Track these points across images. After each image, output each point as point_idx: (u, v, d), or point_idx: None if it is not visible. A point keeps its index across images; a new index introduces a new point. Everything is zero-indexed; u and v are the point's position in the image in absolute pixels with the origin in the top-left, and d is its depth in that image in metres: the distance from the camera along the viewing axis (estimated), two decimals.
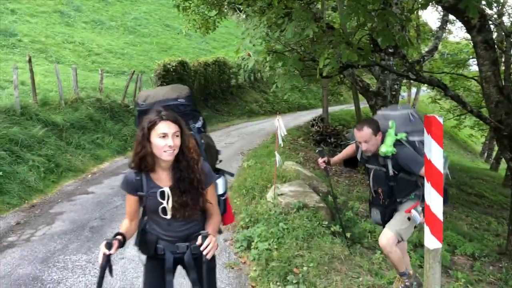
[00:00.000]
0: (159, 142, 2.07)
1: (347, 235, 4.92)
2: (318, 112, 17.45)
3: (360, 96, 13.54)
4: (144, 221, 2.34)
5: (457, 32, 79.91)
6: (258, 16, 5.94)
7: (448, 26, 19.83)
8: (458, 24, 21.25)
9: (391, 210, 3.51)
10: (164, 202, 2.19)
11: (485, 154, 28.12)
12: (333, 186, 7.72)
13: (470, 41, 11.76)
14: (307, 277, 3.84)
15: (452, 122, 21.95)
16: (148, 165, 2.16)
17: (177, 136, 2.11)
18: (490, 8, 11.27)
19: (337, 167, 10.10)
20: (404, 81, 15.73)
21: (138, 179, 2.19)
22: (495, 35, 13.21)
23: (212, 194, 2.32)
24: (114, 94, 13.00)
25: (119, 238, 2.10)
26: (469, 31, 6.36)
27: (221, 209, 2.49)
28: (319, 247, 4.41)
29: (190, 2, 13.05)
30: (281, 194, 5.87)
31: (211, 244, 2.05)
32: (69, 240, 5.14)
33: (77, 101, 10.95)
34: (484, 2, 5.22)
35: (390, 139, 3.29)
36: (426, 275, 2.77)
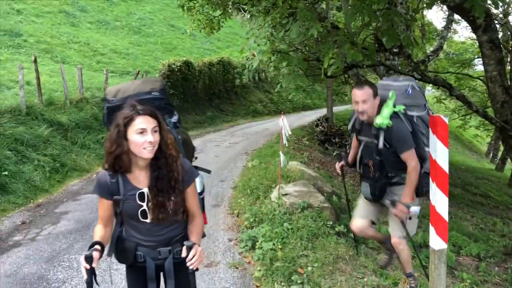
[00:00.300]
0: (138, 139, 1.91)
1: (352, 235, 4.90)
2: (323, 112, 17.43)
3: None
4: (119, 228, 2.15)
5: (462, 32, 79.74)
6: (263, 16, 5.94)
7: (453, 26, 19.80)
8: (463, 24, 21.24)
9: (382, 185, 3.33)
10: (144, 205, 2.03)
11: (491, 155, 28.01)
12: (338, 187, 7.71)
13: (476, 41, 11.72)
14: (312, 277, 3.83)
15: (457, 122, 21.84)
16: (124, 165, 1.99)
17: (156, 131, 1.96)
18: (496, 8, 11.21)
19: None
20: None
21: (114, 182, 2.02)
22: (501, 35, 13.13)
23: (194, 193, 2.16)
24: None
25: (98, 248, 1.92)
26: (475, 31, 6.34)
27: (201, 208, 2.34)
28: (324, 247, 4.40)
29: (195, 2, 13.09)
30: (286, 194, 5.87)
31: (197, 255, 1.92)
32: (74, 240, 5.16)
33: (82, 101, 11.01)
34: (490, 2, 5.20)
35: (388, 111, 3.12)
36: (432, 276, 2.75)
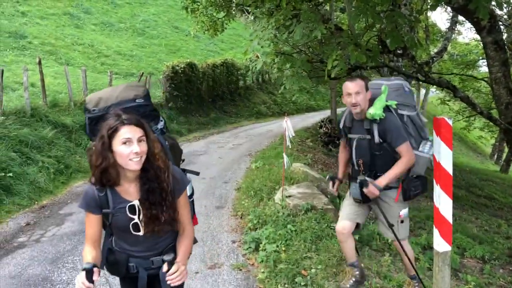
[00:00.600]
0: (123, 150, 1.83)
1: (355, 237, 4.89)
2: (326, 114, 17.40)
3: None
4: (109, 239, 2.10)
5: (467, 33, 79.15)
6: (266, 18, 5.96)
7: (457, 27, 19.75)
8: (468, 25, 21.14)
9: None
10: (136, 218, 1.97)
11: (495, 156, 27.93)
12: (341, 188, 7.68)
13: (480, 42, 11.68)
14: (315, 279, 3.83)
15: (462, 124, 21.79)
16: (112, 178, 1.91)
17: (142, 141, 1.87)
18: (501, 9, 11.17)
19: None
20: (413, 83, 15.65)
21: (103, 195, 1.94)
22: (505, 36, 13.08)
23: (185, 203, 2.10)
24: None
25: (97, 270, 1.82)
26: (479, 32, 6.33)
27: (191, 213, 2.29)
28: (328, 249, 4.39)
29: (199, 4, 13.14)
30: (289, 196, 5.86)
31: (178, 272, 1.86)
32: (79, 241, 5.17)
33: None
34: (494, 3, 5.19)
35: (380, 103, 3.07)
36: (435, 278, 2.75)
